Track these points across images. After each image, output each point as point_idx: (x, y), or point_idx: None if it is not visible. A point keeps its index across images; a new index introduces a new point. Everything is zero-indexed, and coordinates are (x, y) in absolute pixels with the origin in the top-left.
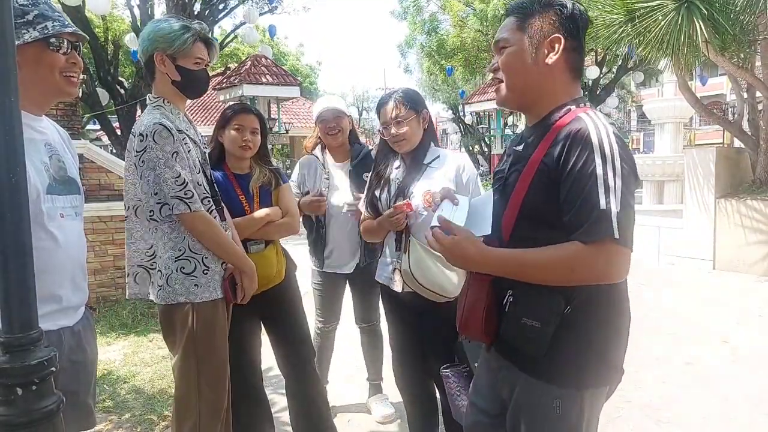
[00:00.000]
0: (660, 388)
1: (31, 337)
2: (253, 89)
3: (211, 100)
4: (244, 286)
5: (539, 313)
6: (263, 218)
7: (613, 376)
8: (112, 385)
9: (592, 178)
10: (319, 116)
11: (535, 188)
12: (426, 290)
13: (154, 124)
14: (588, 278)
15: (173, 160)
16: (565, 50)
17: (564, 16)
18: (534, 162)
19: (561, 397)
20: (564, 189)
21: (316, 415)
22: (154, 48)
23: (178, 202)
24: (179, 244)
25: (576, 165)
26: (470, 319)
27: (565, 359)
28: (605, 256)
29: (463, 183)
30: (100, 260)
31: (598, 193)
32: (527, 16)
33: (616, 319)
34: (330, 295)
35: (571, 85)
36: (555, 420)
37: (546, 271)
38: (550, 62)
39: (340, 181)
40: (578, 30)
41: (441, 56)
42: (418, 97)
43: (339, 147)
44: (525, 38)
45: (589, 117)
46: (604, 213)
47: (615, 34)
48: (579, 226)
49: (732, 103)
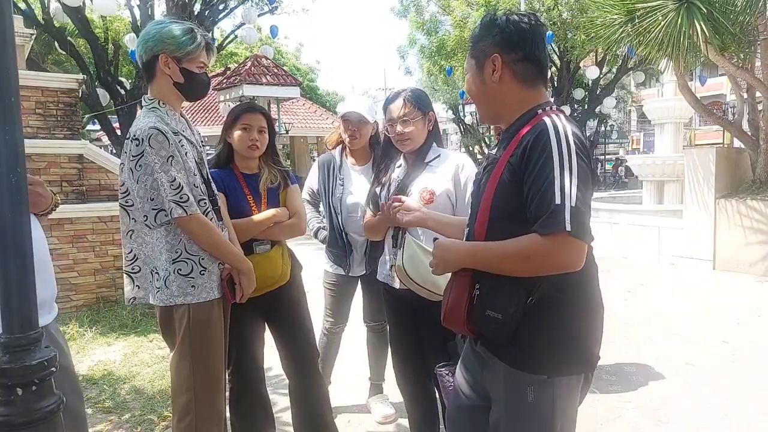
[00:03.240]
0: (660, 388)
1: (31, 337)
2: (253, 89)
3: (211, 100)
4: (242, 285)
5: (501, 305)
6: (266, 220)
7: (585, 365)
8: (112, 386)
9: (549, 176)
10: (344, 115)
11: (501, 189)
12: (419, 287)
13: (150, 128)
14: (543, 267)
15: (169, 164)
16: (507, 65)
17: (497, 35)
18: (501, 163)
19: (533, 383)
20: (526, 187)
21: (318, 415)
22: (160, 49)
23: (174, 206)
24: (176, 246)
25: (536, 164)
26: (452, 311)
27: (536, 347)
28: (558, 246)
29: (462, 182)
30: (101, 260)
31: (554, 190)
32: (475, 43)
33: (584, 308)
34: (342, 296)
35: (528, 93)
36: (528, 407)
37: (504, 260)
38: (496, 79)
39: (358, 183)
40: (517, 42)
41: (441, 57)
42: (426, 98)
43: (357, 150)
44: (474, 63)
45: (551, 119)
46: (558, 207)
47: (615, 34)
48: (537, 220)
49: (732, 103)
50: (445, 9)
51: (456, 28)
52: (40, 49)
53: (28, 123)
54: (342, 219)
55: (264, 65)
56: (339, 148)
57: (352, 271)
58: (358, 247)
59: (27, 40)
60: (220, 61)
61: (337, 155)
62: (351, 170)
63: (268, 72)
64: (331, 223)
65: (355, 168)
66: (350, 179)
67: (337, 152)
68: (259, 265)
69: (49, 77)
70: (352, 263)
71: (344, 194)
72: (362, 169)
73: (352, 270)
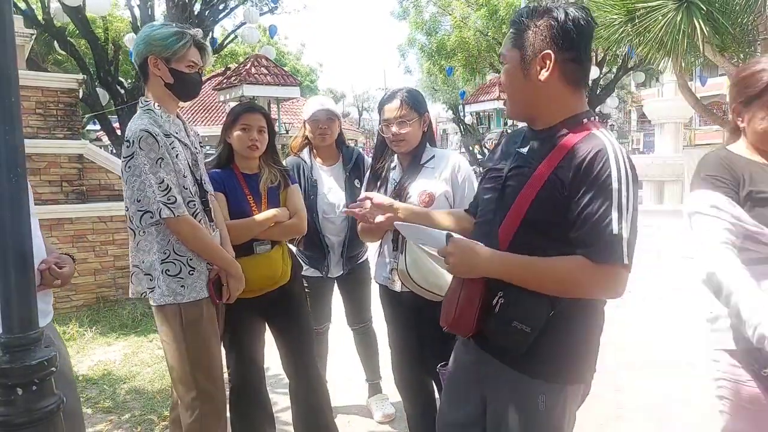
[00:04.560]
0: (660, 388)
1: (31, 337)
2: (253, 89)
3: (211, 100)
4: (230, 287)
5: (530, 317)
6: (267, 220)
7: (589, 375)
8: (112, 385)
9: (608, 200)
10: (311, 116)
11: (541, 200)
12: (423, 290)
13: (140, 130)
14: (590, 293)
15: (158, 166)
16: (558, 64)
17: (556, 29)
18: (542, 174)
19: (546, 392)
20: (578, 205)
21: (318, 415)
22: (148, 51)
23: (162, 207)
24: (164, 247)
25: (595, 184)
26: (462, 317)
27: (551, 356)
28: (612, 277)
29: (459, 182)
30: (100, 260)
31: (612, 217)
32: (521, 30)
33: (593, 322)
34: (320, 298)
35: (573, 97)
36: (539, 415)
37: (547, 281)
38: (542, 78)
39: (330, 183)
40: (574, 40)
41: (441, 56)
42: (422, 99)
43: (327, 148)
44: (518, 55)
45: (608, 139)
46: (617, 237)
47: (615, 34)
48: (589, 245)
49: None
50: (445, 9)
51: (456, 28)
52: (40, 49)
53: (28, 123)
54: (319, 221)
55: (264, 65)
56: (306, 150)
57: (330, 272)
58: (335, 249)
59: (27, 40)
60: (220, 61)
61: (306, 157)
62: (321, 171)
63: (268, 72)
64: (315, 225)
65: (324, 168)
66: (322, 181)
67: (305, 154)
68: (260, 265)
69: (49, 77)
70: (330, 265)
71: (318, 196)
72: (331, 170)
73: (330, 272)
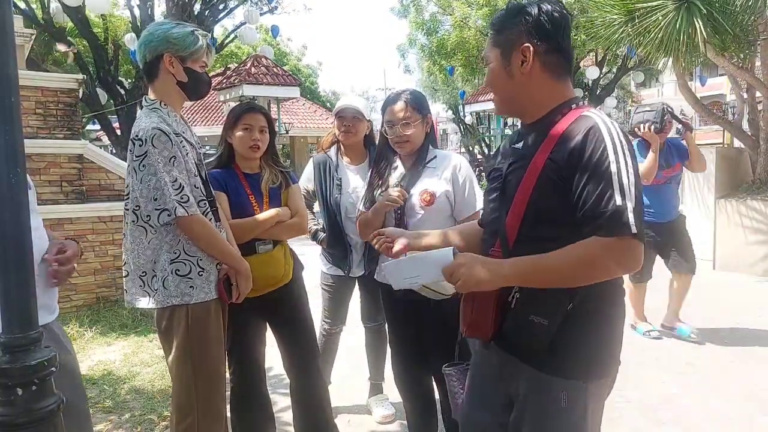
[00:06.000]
0: (660, 388)
1: (31, 337)
2: (253, 89)
3: (211, 100)
4: (239, 286)
5: (547, 310)
6: (269, 220)
7: (614, 367)
8: (112, 385)
9: (607, 173)
10: (338, 111)
11: (542, 187)
12: (424, 289)
13: (153, 128)
14: (607, 272)
15: (171, 164)
16: (538, 56)
17: (530, 23)
18: (539, 161)
19: (567, 389)
20: (577, 185)
21: (318, 415)
22: (165, 48)
23: (176, 206)
24: (174, 247)
25: (590, 161)
26: (480, 321)
27: (571, 352)
28: (625, 250)
29: (459, 183)
30: (100, 260)
31: (614, 189)
32: (499, 31)
33: (615, 312)
34: (340, 297)
35: (558, 87)
36: (561, 412)
37: (565, 273)
38: (525, 71)
39: (355, 183)
40: (550, 31)
41: (441, 56)
42: (425, 101)
43: (354, 146)
44: (499, 53)
45: (598, 116)
46: (621, 208)
47: (615, 34)
48: (595, 222)
49: (732, 103)
50: (445, 9)
51: (456, 28)
52: (40, 49)
53: (28, 123)
54: (342, 220)
55: (264, 65)
56: (334, 148)
57: (352, 272)
58: (358, 248)
59: (27, 40)
60: (220, 61)
61: (333, 155)
62: (347, 170)
63: (268, 72)
64: (330, 225)
65: (351, 167)
66: (347, 179)
67: (332, 152)
68: (262, 265)
69: (49, 77)
70: (352, 264)
71: (342, 195)
72: (358, 169)
73: (352, 271)
